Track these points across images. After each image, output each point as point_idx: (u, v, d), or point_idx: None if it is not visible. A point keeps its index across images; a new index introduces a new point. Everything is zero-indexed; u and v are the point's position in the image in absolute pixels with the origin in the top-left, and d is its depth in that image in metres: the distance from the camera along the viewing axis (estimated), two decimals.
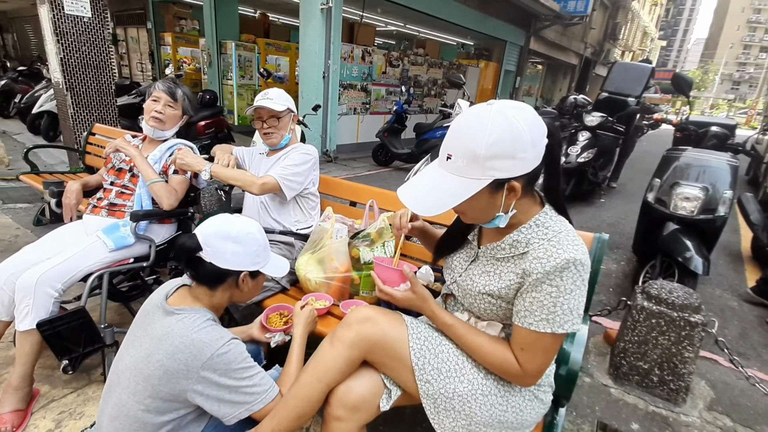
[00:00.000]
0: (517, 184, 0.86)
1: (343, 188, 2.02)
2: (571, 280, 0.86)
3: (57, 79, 3.80)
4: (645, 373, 1.91)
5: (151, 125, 1.78)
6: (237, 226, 1.11)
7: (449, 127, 0.89)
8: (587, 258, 0.88)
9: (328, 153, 6.92)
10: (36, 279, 1.40)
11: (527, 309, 0.90)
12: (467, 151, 0.83)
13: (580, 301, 0.88)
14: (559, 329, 0.88)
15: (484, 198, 0.87)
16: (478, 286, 1.00)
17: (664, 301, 1.83)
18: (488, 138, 0.80)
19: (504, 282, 0.95)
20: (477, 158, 0.82)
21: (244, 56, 8.11)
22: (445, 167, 0.87)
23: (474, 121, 0.83)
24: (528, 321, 0.90)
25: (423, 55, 9.36)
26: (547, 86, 18.69)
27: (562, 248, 0.87)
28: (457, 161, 0.84)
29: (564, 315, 0.87)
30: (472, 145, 0.82)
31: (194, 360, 0.97)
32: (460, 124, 0.86)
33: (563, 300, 0.86)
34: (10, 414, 1.40)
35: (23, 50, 12.51)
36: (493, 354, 0.96)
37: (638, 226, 2.95)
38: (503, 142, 0.81)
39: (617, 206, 5.48)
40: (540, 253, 0.89)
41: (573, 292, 0.87)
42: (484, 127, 0.81)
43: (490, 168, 0.82)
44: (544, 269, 0.86)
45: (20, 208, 3.43)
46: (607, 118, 5.06)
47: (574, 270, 0.86)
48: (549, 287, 0.87)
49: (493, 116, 0.81)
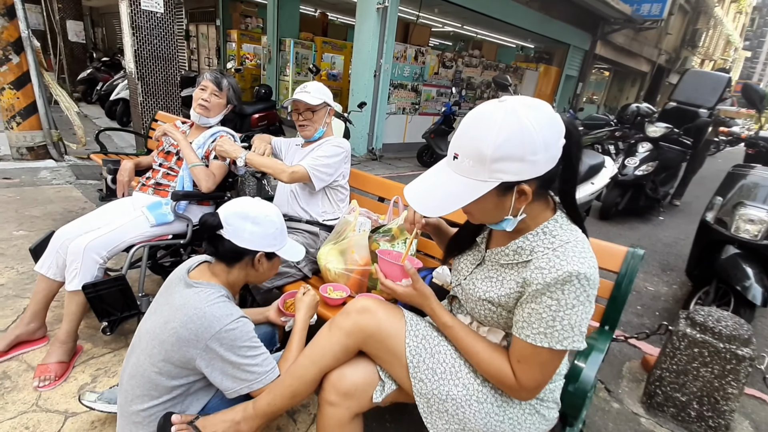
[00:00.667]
0: (528, 187, 0.81)
1: (373, 183, 2.04)
2: (574, 294, 0.81)
3: (130, 69, 4.16)
4: (682, 406, 1.75)
5: (198, 112, 1.90)
6: (256, 208, 1.17)
7: (459, 124, 0.86)
8: (594, 272, 0.81)
9: (373, 151, 6.99)
10: (85, 245, 1.55)
11: (525, 320, 0.86)
12: (473, 151, 0.79)
13: (583, 317, 0.82)
14: (557, 345, 0.83)
15: (492, 200, 0.83)
16: (479, 291, 0.97)
17: (710, 329, 1.66)
18: (496, 138, 0.76)
19: (504, 290, 0.92)
20: (483, 159, 0.77)
21: (302, 53, 8.41)
22: (452, 167, 0.84)
23: (482, 120, 0.79)
24: (525, 333, 0.86)
25: (478, 57, 9.17)
26: (613, 94, 17.58)
27: (567, 260, 0.82)
28: (463, 161, 0.80)
29: (563, 331, 0.82)
30: (479, 146, 0.77)
31: (204, 331, 1.02)
32: (468, 123, 0.81)
33: (563, 315, 0.81)
34: (55, 364, 1.56)
35: (110, 43, 13.83)
36: (488, 361, 0.93)
37: (693, 247, 2.70)
38: (512, 143, 0.76)
39: (678, 225, 5.04)
40: (542, 263, 0.84)
41: (575, 307, 0.81)
42: (493, 126, 0.76)
43: (497, 170, 0.78)
44: (544, 280, 0.82)
45: (90, 184, 3.80)
46: (673, 129, 4.67)
47: (577, 284, 0.80)
48: (549, 300, 0.82)
49: (504, 115, 0.77)
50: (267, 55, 8.68)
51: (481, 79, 9.16)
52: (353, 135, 6.45)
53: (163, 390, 1.07)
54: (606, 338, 1.20)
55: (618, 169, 4.54)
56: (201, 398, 1.14)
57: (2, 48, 3.76)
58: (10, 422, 1.37)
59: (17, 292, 2.06)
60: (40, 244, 1.73)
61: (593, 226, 4.61)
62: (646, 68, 16.24)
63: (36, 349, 1.69)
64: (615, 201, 4.70)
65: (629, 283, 1.26)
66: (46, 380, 1.52)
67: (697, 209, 5.79)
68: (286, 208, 1.91)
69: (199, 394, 1.13)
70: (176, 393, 1.08)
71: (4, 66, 3.82)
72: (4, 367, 1.59)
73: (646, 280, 3.35)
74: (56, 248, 1.62)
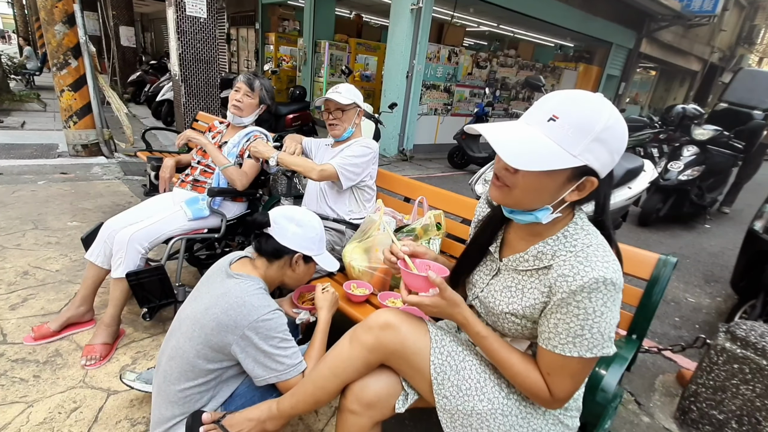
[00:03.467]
0: (596, 181, 0.79)
1: (399, 184, 2.06)
2: (602, 301, 0.78)
3: (175, 71, 4.40)
4: (719, 425, 1.66)
5: (232, 112, 2.00)
6: (302, 213, 1.28)
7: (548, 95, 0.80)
8: (619, 276, 0.79)
9: (404, 152, 7.01)
10: (129, 236, 1.67)
11: (552, 330, 0.84)
12: (581, 119, 0.74)
13: (612, 323, 0.80)
14: (587, 353, 0.80)
15: (558, 181, 0.78)
16: (501, 305, 0.94)
17: (752, 345, 1.56)
18: (607, 120, 0.74)
19: (528, 300, 0.89)
20: (587, 132, 0.74)
21: (336, 55, 8.55)
22: (541, 127, 0.77)
23: (592, 99, 0.76)
24: (552, 343, 0.83)
25: (514, 57, 8.98)
26: (659, 94, 16.67)
27: (590, 265, 0.79)
28: (563, 126, 0.74)
29: (593, 339, 0.79)
30: (590, 117, 0.74)
31: (243, 319, 1.09)
32: (576, 96, 0.77)
33: (591, 323, 0.79)
34: (100, 345, 1.69)
35: (158, 47, 14.63)
36: (524, 375, 0.89)
37: (740, 257, 2.54)
38: (616, 133, 0.75)
39: (725, 234, 4.74)
40: (566, 270, 0.81)
41: (603, 314, 0.79)
42: (605, 108, 0.75)
43: (591, 150, 0.74)
44: (569, 288, 0.79)
45: (136, 180, 4.05)
46: (722, 132, 4.40)
47: (604, 290, 0.78)
48: (576, 309, 0.79)
49: (608, 105, 0.76)
50: (302, 57, 8.89)
51: (516, 79, 8.97)
52: (384, 135, 6.50)
53: (199, 373, 1.14)
54: (632, 347, 1.16)
55: (660, 173, 4.33)
56: (231, 385, 1.20)
57: (63, 53, 4.07)
58: (61, 396, 1.50)
59: (70, 278, 2.23)
60: (91, 235, 1.88)
61: (630, 232, 4.41)
62: (696, 67, 15.29)
63: (84, 331, 1.83)
64: (656, 207, 4.48)
65: (660, 291, 1.22)
66: (92, 359, 1.65)
67: (747, 217, 5.39)
68: (315, 206, 1.97)
69: (229, 381, 1.20)
70: (211, 377, 1.15)
71: (65, 69, 4.14)
72: (57, 346, 1.74)
73: (687, 290, 3.17)
74: (104, 238, 1.76)
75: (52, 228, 2.79)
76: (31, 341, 1.72)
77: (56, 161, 4.26)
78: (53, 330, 1.75)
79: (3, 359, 1.63)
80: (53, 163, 4.20)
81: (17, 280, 2.15)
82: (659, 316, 2.65)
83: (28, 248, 2.49)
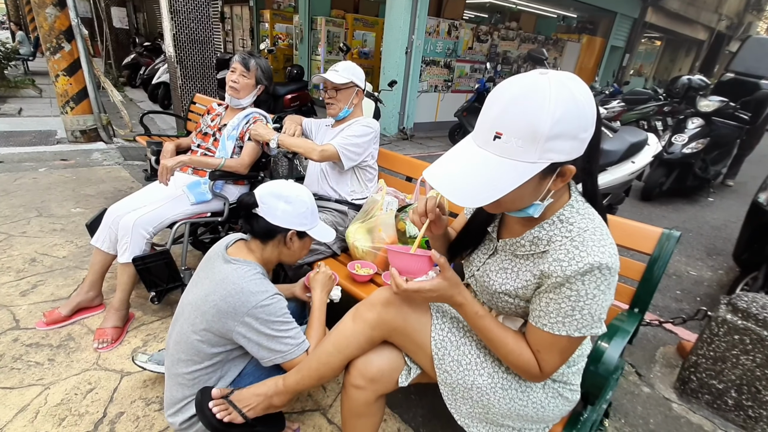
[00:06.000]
0: (573, 168, 0.75)
1: (401, 163, 2.05)
2: (594, 284, 0.78)
3: (170, 53, 4.31)
4: (718, 394, 1.70)
5: (229, 94, 1.98)
6: (289, 189, 1.24)
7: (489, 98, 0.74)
8: (615, 261, 0.78)
9: (404, 131, 6.93)
10: (133, 222, 1.68)
11: (543, 310, 0.84)
12: (524, 128, 0.69)
13: (603, 306, 0.80)
14: (575, 333, 0.81)
15: (531, 185, 0.74)
16: (495, 284, 0.95)
17: (754, 316, 1.58)
18: (553, 113, 0.67)
19: (521, 281, 0.89)
20: (536, 138, 0.68)
21: (333, 32, 8.35)
22: (489, 148, 0.73)
23: (531, 93, 0.69)
24: (543, 322, 0.84)
25: (516, 29, 8.75)
26: (664, 65, 16.30)
27: (586, 250, 0.78)
28: (509, 141, 0.70)
29: (583, 319, 0.80)
30: (533, 122, 0.68)
31: (241, 306, 1.10)
32: (511, 96, 0.70)
33: (583, 305, 0.79)
34: (111, 329, 1.73)
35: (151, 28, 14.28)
36: (518, 353, 0.89)
37: (743, 230, 2.54)
38: (569, 119, 0.68)
39: (728, 207, 4.72)
40: (561, 255, 0.80)
41: (596, 297, 0.78)
42: (547, 100, 0.67)
43: (549, 150, 0.70)
44: (564, 273, 0.78)
45: (136, 165, 4.04)
46: (728, 103, 4.32)
47: (599, 275, 0.77)
48: (568, 291, 0.79)
49: (555, 88, 0.68)
50: (299, 34, 8.69)
51: (518, 53, 8.76)
52: (384, 115, 6.42)
53: (204, 356, 1.16)
54: (634, 320, 1.18)
55: (664, 146, 4.28)
56: (238, 365, 1.23)
57: (56, 36, 3.99)
58: (76, 378, 1.55)
59: (77, 264, 2.26)
60: (95, 221, 1.89)
61: (633, 207, 4.40)
62: (702, 36, 14.89)
63: (94, 315, 1.87)
64: (659, 181, 4.45)
65: (662, 265, 1.22)
66: (103, 343, 1.69)
67: (752, 190, 5.34)
68: (317, 187, 1.96)
69: (236, 361, 1.23)
70: (216, 360, 1.18)
71: (58, 54, 4.07)
72: (69, 330, 1.78)
73: (688, 264, 3.19)
74: (108, 224, 1.76)
75: (56, 215, 2.81)
76: (43, 326, 1.76)
77: (56, 148, 4.24)
78: (64, 315, 1.79)
79: (18, 344, 1.67)
80: (53, 149, 4.18)
81: (26, 267, 2.18)
82: (660, 289, 2.67)
83: (33, 235, 2.51)
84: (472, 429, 1.01)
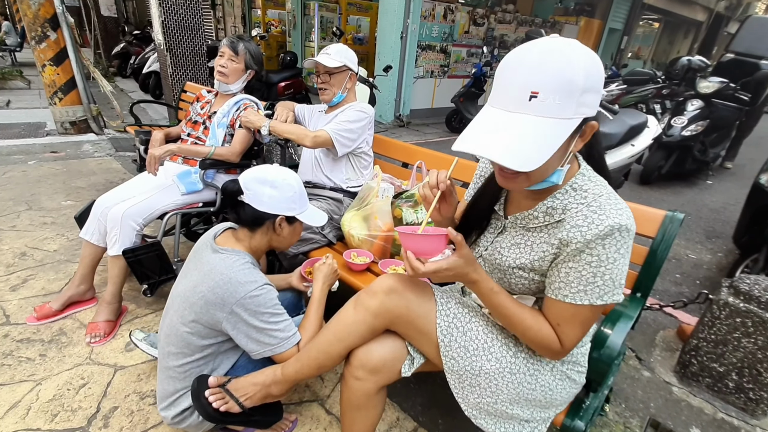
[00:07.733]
0: (596, 124, 0.76)
1: (396, 149, 2.00)
2: (615, 248, 0.77)
3: (159, 41, 4.20)
4: (719, 377, 1.69)
5: (218, 79, 1.91)
6: (274, 172, 1.18)
7: (507, 65, 0.72)
8: (632, 222, 0.78)
9: (400, 117, 6.84)
10: (122, 213, 1.63)
11: (563, 280, 0.83)
12: (561, 83, 0.68)
13: (623, 270, 0.80)
14: (598, 301, 0.80)
15: (564, 145, 0.73)
16: (509, 259, 0.92)
17: (756, 299, 1.56)
18: (583, 67, 0.68)
19: (537, 254, 0.87)
20: (573, 92, 0.68)
21: (326, 17, 8.18)
22: (526, 109, 0.70)
23: (557, 52, 0.69)
24: (563, 293, 0.83)
25: (512, 12, 8.60)
26: (662, 48, 16.12)
27: (605, 213, 0.78)
28: (547, 98, 0.69)
29: (605, 286, 0.79)
30: (569, 76, 0.68)
31: (229, 296, 1.07)
32: (540, 55, 0.69)
33: (604, 270, 0.78)
34: (103, 323, 1.69)
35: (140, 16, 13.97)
36: (536, 328, 0.87)
37: (744, 212, 2.51)
38: (594, 72, 0.70)
39: (727, 190, 4.70)
40: (579, 221, 0.80)
41: (616, 261, 0.78)
42: (572, 55, 0.69)
43: (582, 104, 0.70)
44: (584, 238, 0.78)
45: (128, 156, 3.97)
46: (728, 84, 4.26)
47: (618, 236, 0.77)
48: (589, 257, 0.79)
49: (571, 46, 0.70)
50: (292, 20, 8.52)
51: (515, 36, 8.62)
52: (379, 101, 6.32)
53: (195, 349, 1.13)
54: (637, 305, 1.15)
55: (663, 129, 4.23)
56: (231, 357, 1.20)
57: (40, 25, 3.87)
58: (68, 373, 1.52)
59: (68, 257, 2.22)
60: (84, 213, 1.84)
61: (632, 191, 4.37)
62: (701, 17, 14.70)
63: (86, 309, 1.83)
64: (658, 164, 4.41)
65: (666, 249, 1.19)
66: (96, 337, 1.66)
67: (750, 172, 5.32)
68: (311, 175, 1.92)
69: (228, 353, 1.20)
70: (207, 352, 1.15)
71: (44, 43, 3.95)
72: (60, 325, 1.74)
73: (687, 247, 3.17)
74: (97, 216, 1.72)
75: (46, 208, 2.75)
76: (34, 321, 1.72)
77: (45, 140, 4.16)
78: (55, 309, 1.75)
79: (8, 340, 1.64)
80: (42, 141, 4.09)
81: (15, 262, 2.14)
82: (660, 273, 2.66)
83: (23, 229, 2.46)
84: (479, 421, 0.99)
